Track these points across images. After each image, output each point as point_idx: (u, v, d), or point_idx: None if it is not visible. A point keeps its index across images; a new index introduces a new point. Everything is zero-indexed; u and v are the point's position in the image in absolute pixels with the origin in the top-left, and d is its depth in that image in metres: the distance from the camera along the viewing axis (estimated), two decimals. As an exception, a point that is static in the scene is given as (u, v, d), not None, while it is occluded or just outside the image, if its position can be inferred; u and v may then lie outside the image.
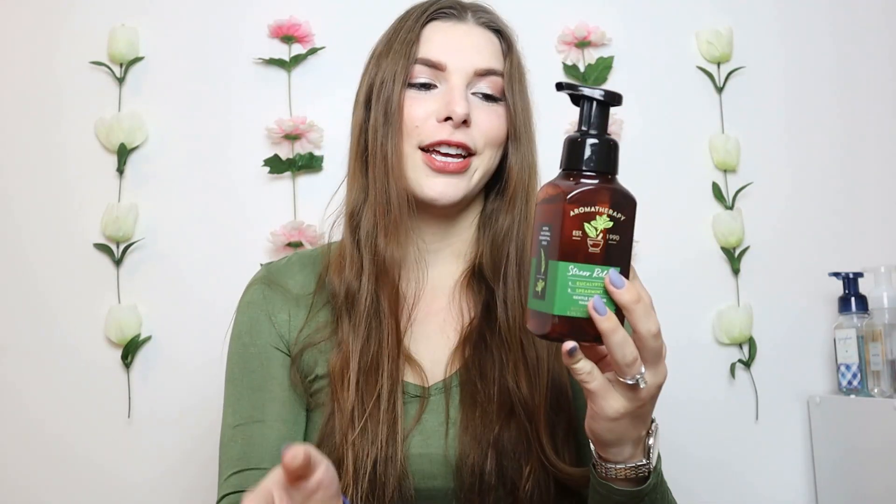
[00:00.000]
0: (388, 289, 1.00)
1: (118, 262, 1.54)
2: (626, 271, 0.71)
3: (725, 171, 1.65)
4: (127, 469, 1.52)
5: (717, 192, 1.64)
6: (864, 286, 1.54)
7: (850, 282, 1.54)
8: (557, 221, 0.70)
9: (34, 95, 1.58)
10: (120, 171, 1.56)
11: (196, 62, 1.59)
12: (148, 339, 1.53)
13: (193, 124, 1.58)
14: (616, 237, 0.70)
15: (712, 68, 1.67)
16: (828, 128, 1.69)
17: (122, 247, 1.54)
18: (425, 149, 1.00)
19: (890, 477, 1.38)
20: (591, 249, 0.70)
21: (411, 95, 1.01)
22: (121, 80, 1.58)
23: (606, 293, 0.70)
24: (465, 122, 0.99)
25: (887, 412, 1.39)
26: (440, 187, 1.00)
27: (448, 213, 1.05)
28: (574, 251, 0.70)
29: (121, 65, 1.58)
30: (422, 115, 1.00)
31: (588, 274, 0.70)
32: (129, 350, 1.52)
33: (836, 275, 1.56)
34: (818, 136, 1.69)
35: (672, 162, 1.65)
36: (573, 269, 0.70)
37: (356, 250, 1.02)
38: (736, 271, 1.64)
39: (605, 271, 0.70)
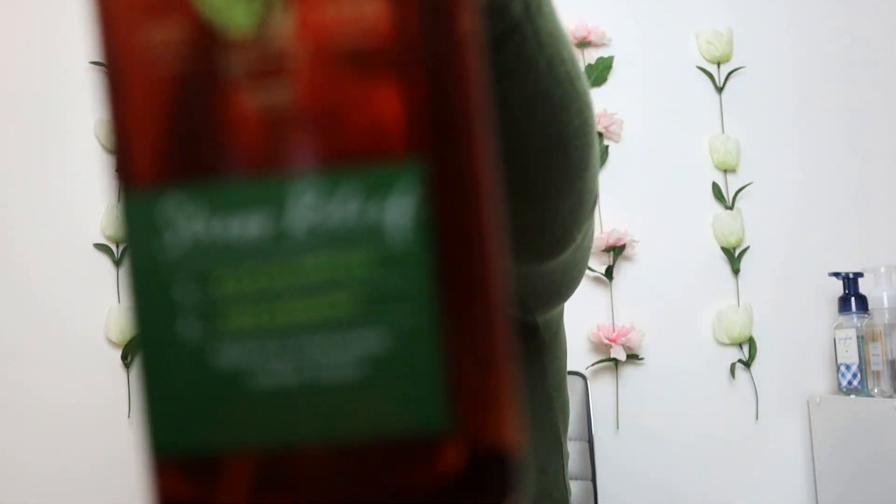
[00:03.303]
0: None
1: (118, 263, 1.54)
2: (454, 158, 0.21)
3: (725, 171, 1.65)
4: (127, 469, 1.52)
5: (717, 192, 1.64)
6: (864, 286, 1.54)
7: (850, 282, 1.54)
8: None
9: (34, 95, 1.58)
10: (120, 171, 1.56)
11: (196, 62, 1.59)
12: (148, 339, 1.53)
13: (193, 124, 1.58)
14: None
15: (712, 68, 1.67)
16: (828, 127, 1.69)
17: (122, 247, 1.54)
18: None
19: (890, 477, 1.38)
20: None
21: None
22: (121, 80, 1.58)
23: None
24: None
25: (887, 412, 1.39)
26: None
27: None
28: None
29: (121, 65, 1.58)
30: None
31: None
32: (129, 350, 1.52)
33: (836, 275, 1.56)
34: (818, 135, 1.69)
35: (672, 162, 1.65)
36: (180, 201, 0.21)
37: None
38: (736, 271, 1.64)
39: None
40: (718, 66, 1.67)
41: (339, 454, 0.21)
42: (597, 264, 1.61)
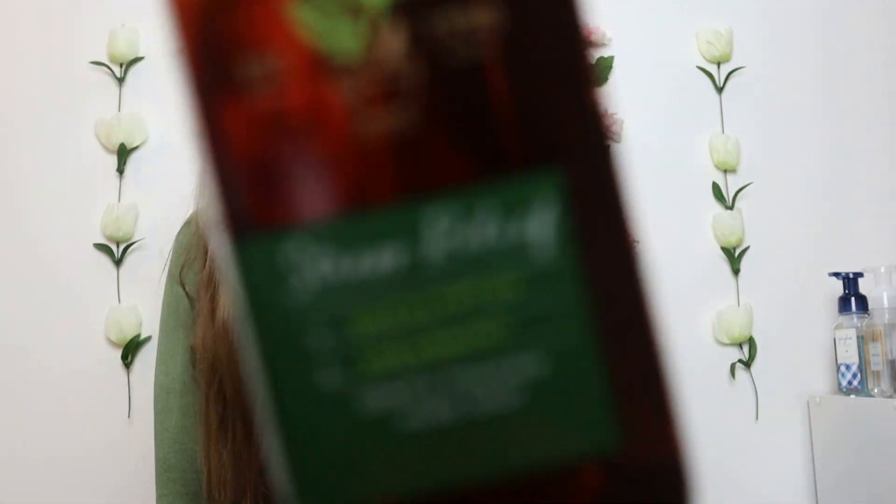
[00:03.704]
0: None
1: (118, 262, 1.54)
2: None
3: (725, 171, 1.65)
4: (127, 469, 1.52)
5: (717, 192, 1.64)
6: (864, 286, 1.54)
7: (850, 282, 1.54)
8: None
9: (34, 96, 1.58)
10: (120, 171, 1.56)
11: (196, 62, 1.59)
12: (148, 339, 1.53)
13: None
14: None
15: (712, 68, 1.67)
16: (828, 128, 1.69)
17: (122, 247, 1.54)
18: None
19: (890, 477, 1.38)
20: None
21: None
22: (121, 80, 1.58)
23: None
24: None
25: (887, 412, 1.39)
26: None
27: None
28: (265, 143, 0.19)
29: (121, 65, 1.58)
30: None
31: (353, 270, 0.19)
32: (129, 350, 1.52)
33: (836, 275, 1.56)
34: (818, 135, 1.69)
35: (672, 162, 1.65)
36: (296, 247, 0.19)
37: None
38: (736, 271, 1.64)
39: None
40: (718, 66, 1.67)
41: (507, 488, 0.19)
42: (597, 264, 1.61)
